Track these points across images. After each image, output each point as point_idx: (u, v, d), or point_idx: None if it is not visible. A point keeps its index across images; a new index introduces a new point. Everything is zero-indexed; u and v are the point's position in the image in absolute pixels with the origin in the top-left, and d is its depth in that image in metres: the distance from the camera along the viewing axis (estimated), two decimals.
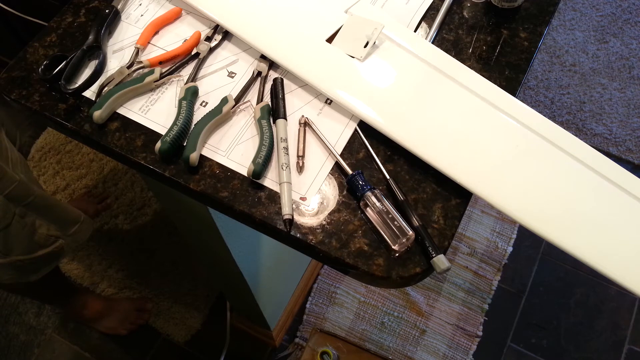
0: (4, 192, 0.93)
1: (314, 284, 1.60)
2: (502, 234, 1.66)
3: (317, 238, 0.61)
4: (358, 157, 0.66)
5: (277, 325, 1.49)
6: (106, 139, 0.68)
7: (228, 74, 0.73)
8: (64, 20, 0.78)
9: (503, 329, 1.54)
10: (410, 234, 0.58)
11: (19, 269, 1.05)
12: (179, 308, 1.57)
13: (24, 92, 0.71)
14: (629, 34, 2.00)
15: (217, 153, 0.66)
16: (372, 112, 0.67)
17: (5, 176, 0.93)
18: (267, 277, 1.22)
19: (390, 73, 0.71)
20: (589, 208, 0.63)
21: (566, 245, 0.60)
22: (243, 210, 0.63)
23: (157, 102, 0.70)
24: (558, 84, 1.91)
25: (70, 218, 1.14)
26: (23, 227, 1.00)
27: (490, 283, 1.59)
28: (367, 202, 0.61)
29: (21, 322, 1.57)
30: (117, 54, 0.74)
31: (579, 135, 1.81)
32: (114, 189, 1.73)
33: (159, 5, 0.79)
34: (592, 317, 1.55)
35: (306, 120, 0.68)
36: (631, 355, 1.50)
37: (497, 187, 0.63)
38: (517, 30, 0.77)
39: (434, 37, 0.76)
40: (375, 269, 0.59)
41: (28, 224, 1.01)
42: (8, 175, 0.94)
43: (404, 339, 1.53)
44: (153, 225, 1.67)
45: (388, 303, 1.57)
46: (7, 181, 0.94)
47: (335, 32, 0.74)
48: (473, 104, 0.69)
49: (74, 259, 1.63)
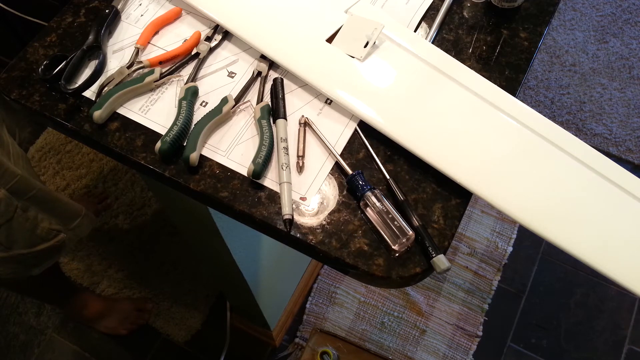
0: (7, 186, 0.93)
1: (314, 284, 1.60)
2: (502, 234, 1.66)
3: (317, 238, 0.61)
4: (358, 157, 0.66)
5: (277, 325, 1.49)
6: (106, 139, 0.68)
7: (228, 74, 0.73)
8: (64, 20, 0.78)
9: (503, 329, 1.54)
10: (410, 234, 0.58)
11: (21, 263, 1.06)
12: (179, 308, 1.57)
13: (24, 92, 0.71)
14: (629, 34, 2.00)
15: (217, 153, 0.66)
16: (372, 112, 0.67)
17: (7, 170, 0.93)
18: (267, 277, 1.22)
19: (390, 73, 0.71)
20: (589, 208, 0.63)
21: (566, 245, 0.60)
22: (243, 210, 0.63)
23: (157, 102, 0.70)
24: (558, 84, 1.91)
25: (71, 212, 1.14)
26: (25, 221, 1.00)
27: (490, 283, 1.59)
28: (367, 202, 0.61)
29: (21, 322, 1.57)
30: (117, 54, 0.74)
31: (579, 135, 1.81)
32: (114, 189, 1.73)
33: (159, 5, 0.79)
34: (592, 317, 1.55)
35: (306, 120, 0.68)
36: (631, 355, 1.50)
37: (497, 187, 0.63)
38: (517, 30, 0.77)
39: (434, 37, 0.76)
40: (375, 269, 0.59)
41: (30, 217, 1.01)
42: (10, 170, 0.94)
43: (404, 339, 1.53)
44: (153, 225, 1.67)
45: (388, 303, 1.57)
46: (9, 175, 0.94)
47: (335, 32, 0.74)
48: (473, 104, 0.69)
49: (74, 259, 1.63)
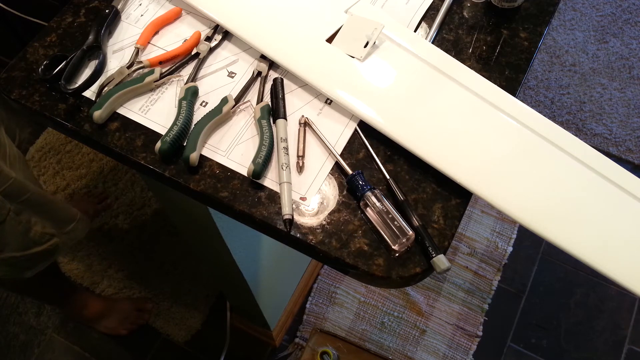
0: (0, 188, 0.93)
1: (314, 284, 1.60)
2: (502, 234, 1.66)
3: (317, 238, 0.61)
4: (358, 157, 0.66)
5: (277, 325, 1.49)
6: (106, 139, 0.68)
7: (228, 74, 0.73)
8: (64, 20, 0.78)
9: (503, 329, 1.54)
10: (410, 234, 0.58)
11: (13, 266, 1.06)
12: (179, 308, 1.57)
13: (24, 92, 0.71)
14: (629, 34, 2.00)
15: (217, 153, 0.66)
16: (372, 112, 0.67)
17: (1, 173, 0.93)
18: (267, 277, 1.22)
19: (390, 73, 0.71)
20: (588, 208, 0.63)
21: (566, 245, 0.60)
22: (243, 210, 0.63)
23: (157, 102, 0.70)
24: (558, 84, 1.91)
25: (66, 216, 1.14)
26: (18, 224, 1.00)
27: (490, 283, 1.59)
28: (367, 202, 0.61)
29: (21, 322, 1.57)
30: (117, 54, 0.74)
31: (579, 135, 1.81)
32: (114, 189, 1.73)
33: (159, 5, 0.79)
34: (592, 317, 1.55)
35: (306, 120, 0.68)
36: (631, 355, 1.49)
37: (497, 187, 0.63)
38: (517, 30, 0.77)
39: (434, 37, 0.76)
40: (375, 269, 0.59)
41: (23, 221, 1.01)
42: (4, 172, 0.94)
43: (404, 339, 1.53)
44: (153, 225, 1.67)
45: (388, 303, 1.57)
46: (3, 178, 0.94)
47: (335, 32, 0.74)
48: (473, 104, 0.69)
49: (74, 259, 1.63)
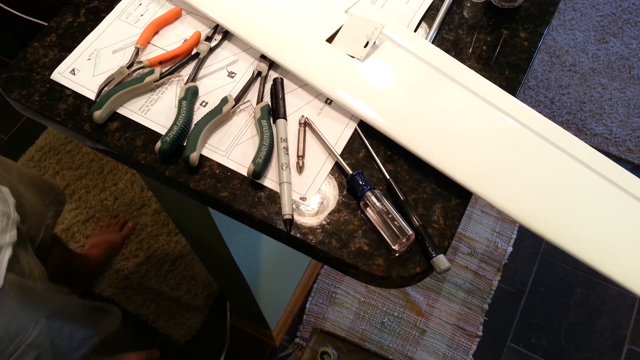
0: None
1: (314, 284, 1.60)
2: (502, 234, 1.66)
3: (317, 238, 0.61)
4: (358, 157, 0.66)
5: (277, 325, 1.49)
6: (106, 139, 0.68)
7: (228, 74, 0.73)
8: (64, 20, 0.78)
9: (503, 329, 1.54)
10: (410, 234, 0.58)
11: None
12: (179, 308, 1.57)
13: (24, 92, 0.71)
14: (629, 34, 2.00)
15: (217, 153, 0.66)
16: (372, 112, 0.67)
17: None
18: (267, 277, 1.22)
19: (390, 73, 0.71)
20: (588, 208, 0.63)
21: (566, 245, 0.60)
22: (243, 210, 0.63)
23: (157, 102, 0.70)
24: (558, 84, 1.91)
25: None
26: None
27: (490, 283, 1.59)
28: (367, 202, 0.61)
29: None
30: (117, 54, 0.74)
31: (579, 135, 1.81)
32: (114, 189, 1.73)
33: (159, 5, 0.79)
34: (592, 317, 1.55)
35: (306, 120, 0.68)
36: (631, 355, 1.50)
37: (497, 187, 0.63)
38: (517, 30, 0.77)
39: (434, 37, 0.76)
40: (375, 269, 0.59)
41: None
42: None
43: (404, 339, 1.53)
44: (153, 225, 1.67)
45: (388, 303, 1.57)
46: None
47: (335, 32, 0.74)
48: (473, 104, 0.69)
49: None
